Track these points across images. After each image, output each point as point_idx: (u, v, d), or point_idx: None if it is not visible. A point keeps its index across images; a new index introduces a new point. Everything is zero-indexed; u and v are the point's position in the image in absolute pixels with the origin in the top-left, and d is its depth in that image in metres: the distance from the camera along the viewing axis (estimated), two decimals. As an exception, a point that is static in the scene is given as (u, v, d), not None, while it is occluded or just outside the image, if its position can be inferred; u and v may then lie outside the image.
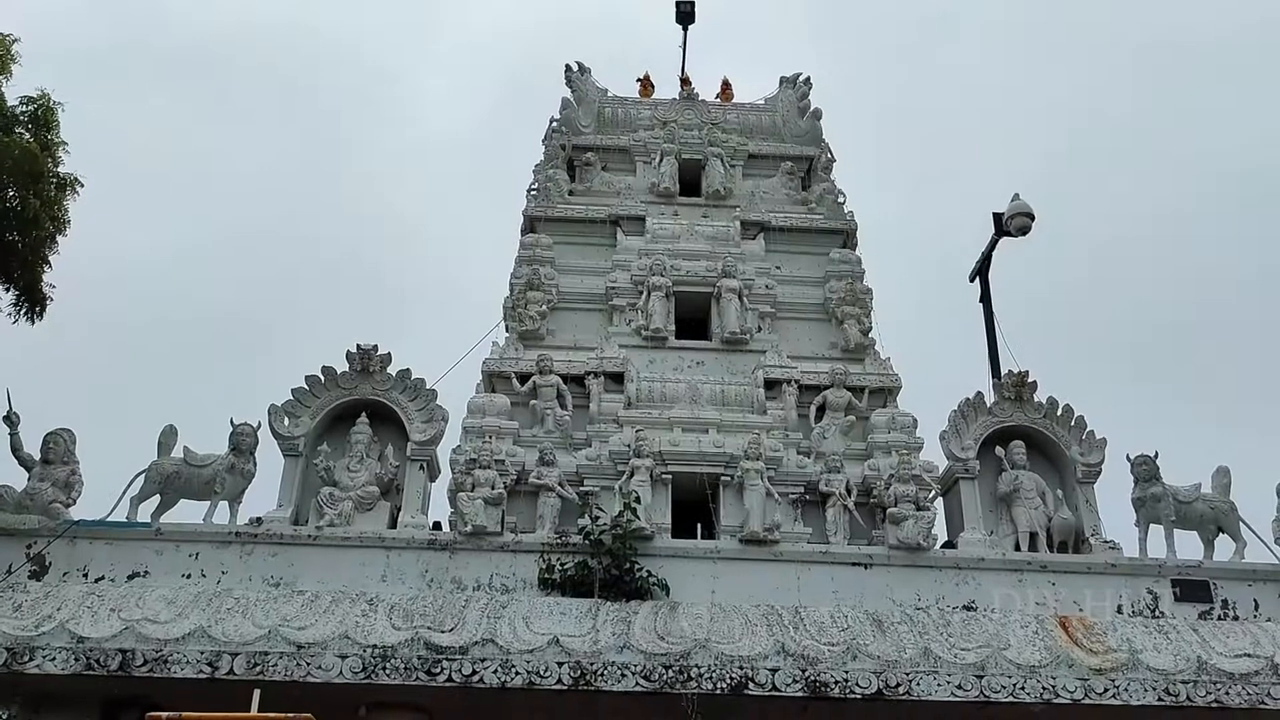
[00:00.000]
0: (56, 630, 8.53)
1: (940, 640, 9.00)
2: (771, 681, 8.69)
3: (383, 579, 9.49)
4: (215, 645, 8.56)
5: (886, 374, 11.72)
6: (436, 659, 8.63)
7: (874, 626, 9.15)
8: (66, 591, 9.00)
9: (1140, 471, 10.09)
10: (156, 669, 8.42)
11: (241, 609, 8.94)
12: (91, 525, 9.50)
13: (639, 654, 8.75)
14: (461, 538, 9.69)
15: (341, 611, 8.99)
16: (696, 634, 8.92)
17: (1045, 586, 9.67)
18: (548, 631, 8.89)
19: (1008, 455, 10.33)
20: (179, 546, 9.51)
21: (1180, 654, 8.83)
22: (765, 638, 8.97)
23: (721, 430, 10.86)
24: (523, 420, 11.05)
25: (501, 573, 9.62)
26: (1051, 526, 10.06)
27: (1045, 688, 8.63)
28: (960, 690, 8.66)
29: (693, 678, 8.66)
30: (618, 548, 9.54)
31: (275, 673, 8.47)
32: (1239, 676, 8.61)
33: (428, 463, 10.28)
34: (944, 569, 9.77)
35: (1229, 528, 10.05)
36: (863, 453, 10.94)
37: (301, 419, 10.21)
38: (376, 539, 9.66)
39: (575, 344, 11.89)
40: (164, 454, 9.94)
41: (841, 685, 8.67)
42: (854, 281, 12.40)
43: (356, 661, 8.58)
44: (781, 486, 10.35)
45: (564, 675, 8.63)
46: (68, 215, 11.00)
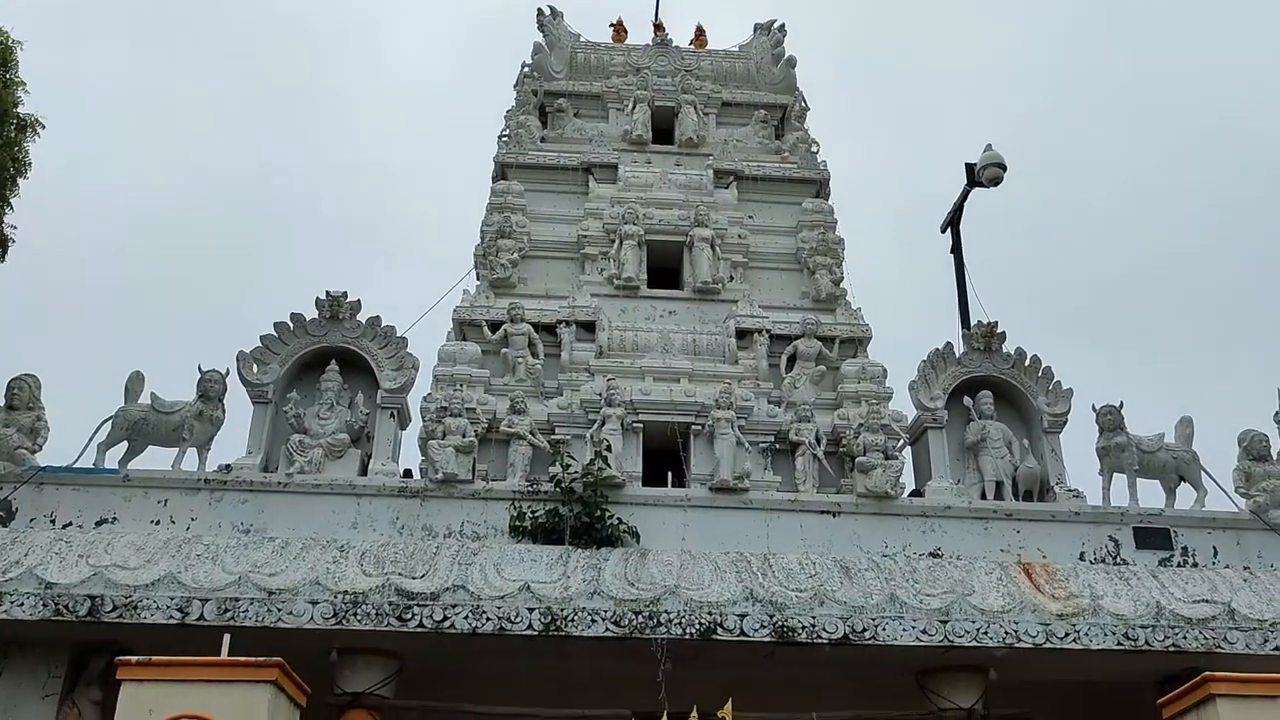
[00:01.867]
0: (24, 576, 8.49)
1: (906, 586, 9.13)
2: (740, 627, 8.79)
3: (354, 526, 9.50)
4: (185, 591, 8.54)
5: (857, 324, 11.77)
6: (408, 605, 8.67)
7: (841, 573, 9.26)
8: (34, 538, 8.96)
9: (1105, 421, 10.23)
10: (126, 615, 8.40)
11: (211, 555, 8.93)
12: (59, 471, 9.44)
13: (609, 600, 8.82)
14: (433, 485, 9.71)
15: (312, 558, 9.00)
16: (666, 580, 9.00)
17: (1010, 534, 9.82)
18: (519, 578, 8.94)
19: (975, 405, 10.44)
20: (147, 493, 9.47)
21: (1140, 600, 9.00)
22: (734, 584, 9.06)
23: (693, 379, 10.89)
24: (494, 369, 11.04)
25: (473, 520, 9.66)
26: (1017, 475, 10.20)
27: (1008, 632, 8.78)
28: (925, 635, 8.80)
29: (662, 623, 8.75)
30: (589, 495, 9.59)
31: (246, 618, 8.47)
32: (1197, 621, 8.79)
33: (398, 410, 10.26)
34: (911, 517, 9.89)
35: (1191, 477, 10.22)
36: (833, 402, 11.01)
37: (270, 366, 10.15)
38: (347, 486, 9.66)
39: (547, 292, 11.85)
40: (131, 400, 9.86)
41: (809, 630, 8.79)
42: (826, 231, 12.41)
43: (327, 607, 8.60)
44: (752, 435, 10.40)
45: (534, 621, 8.69)
46: (29, 157, 10.81)
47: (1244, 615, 8.83)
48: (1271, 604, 9.00)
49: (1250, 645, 8.64)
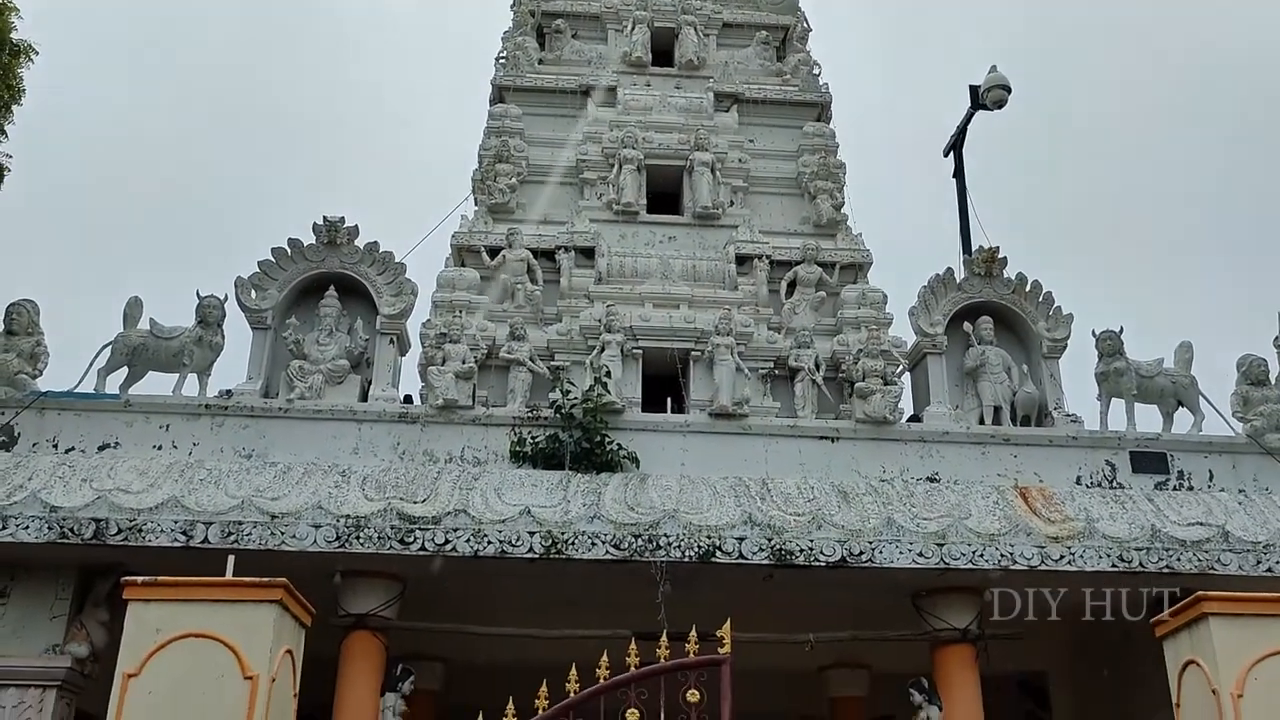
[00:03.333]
0: (29, 499, 8.55)
1: (903, 510, 9.20)
2: (739, 550, 8.88)
3: (354, 451, 9.55)
4: (189, 515, 8.61)
5: (857, 249, 11.71)
6: (409, 529, 8.74)
7: (839, 497, 9.33)
8: (37, 462, 9.01)
9: (1105, 346, 10.23)
10: (131, 538, 8.48)
11: (214, 480, 8.98)
12: (60, 396, 9.46)
13: (609, 524, 8.90)
14: (433, 411, 9.73)
15: (314, 483, 9.06)
16: (665, 505, 9.07)
17: (1007, 459, 9.88)
18: (519, 502, 9.01)
19: (975, 331, 10.43)
20: (149, 418, 9.51)
21: (1135, 522, 9.09)
22: (733, 508, 9.13)
23: (692, 305, 10.87)
24: (493, 295, 11.01)
25: (473, 445, 9.71)
26: (1015, 401, 10.22)
27: (1003, 555, 8.87)
28: (921, 558, 8.89)
29: (661, 546, 8.83)
30: (588, 421, 9.63)
31: (250, 542, 8.55)
32: (1191, 544, 8.88)
33: (397, 337, 10.25)
34: (909, 442, 9.94)
35: (1188, 401, 10.26)
36: (832, 328, 11.00)
37: (269, 292, 10.11)
38: (348, 412, 9.69)
39: (545, 218, 11.77)
40: (130, 326, 9.85)
41: (806, 553, 8.88)
42: (827, 156, 12.29)
43: (330, 531, 8.68)
44: (751, 361, 10.41)
45: (535, 544, 8.78)
46: (22, 84, 10.63)
47: (1238, 538, 8.91)
48: (1265, 526, 9.09)
49: (1243, 567, 8.75)
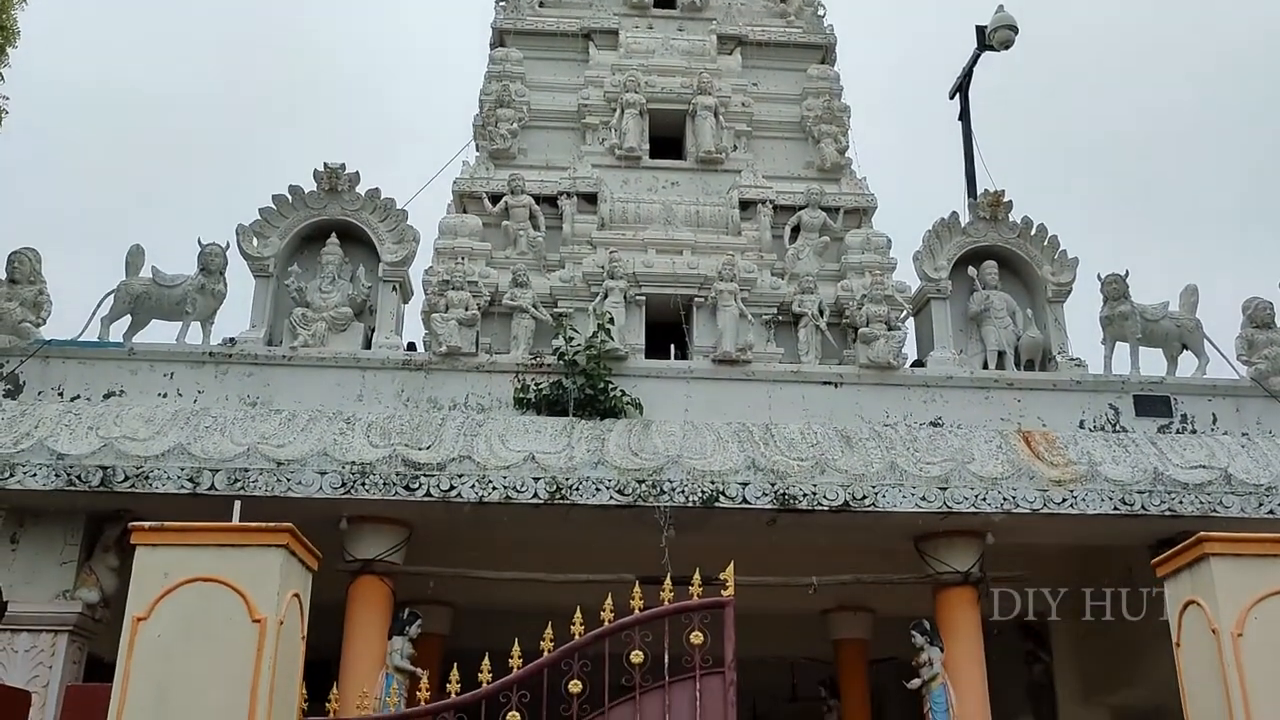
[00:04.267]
0: (35, 447, 8.60)
1: (906, 455, 9.23)
2: (742, 495, 8.93)
3: (359, 399, 9.57)
4: (195, 462, 8.66)
5: (862, 194, 11.62)
6: (415, 475, 8.79)
7: (842, 442, 9.36)
8: (43, 410, 9.04)
9: (1110, 290, 10.19)
10: (138, 485, 8.54)
11: (220, 427, 9.02)
12: (63, 345, 9.47)
13: (613, 469, 8.94)
14: (436, 358, 9.74)
15: (319, 430, 9.09)
16: (669, 450, 9.10)
17: (1011, 403, 9.89)
18: (524, 448, 9.05)
19: (980, 275, 10.38)
20: (153, 366, 9.53)
21: (1138, 466, 9.11)
22: (736, 453, 9.16)
23: (696, 251, 10.81)
24: (495, 241, 10.95)
25: (477, 393, 9.72)
26: (1020, 345, 10.21)
27: (1005, 499, 8.92)
28: (924, 502, 8.94)
29: (665, 492, 8.88)
30: (592, 368, 9.64)
31: (256, 488, 8.61)
32: (1193, 487, 8.92)
33: (400, 284, 10.23)
34: (913, 387, 9.94)
35: (1193, 344, 10.23)
36: (836, 273, 10.95)
37: (270, 239, 10.08)
38: (352, 359, 9.70)
39: (547, 163, 11.67)
40: (132, 274, 9.83)
41: (810, 498, 8.93)
42: (832, 99, 12.14)
43: (336, 477, 8.73)
44: (755, 307, 10.38)
45: (540, 490, 8.83)
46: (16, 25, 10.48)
47: (1240, 480, 8.94)
48: (1268, 469, 9.12)
49: (1245, 509, 8.79)
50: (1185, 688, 5.73)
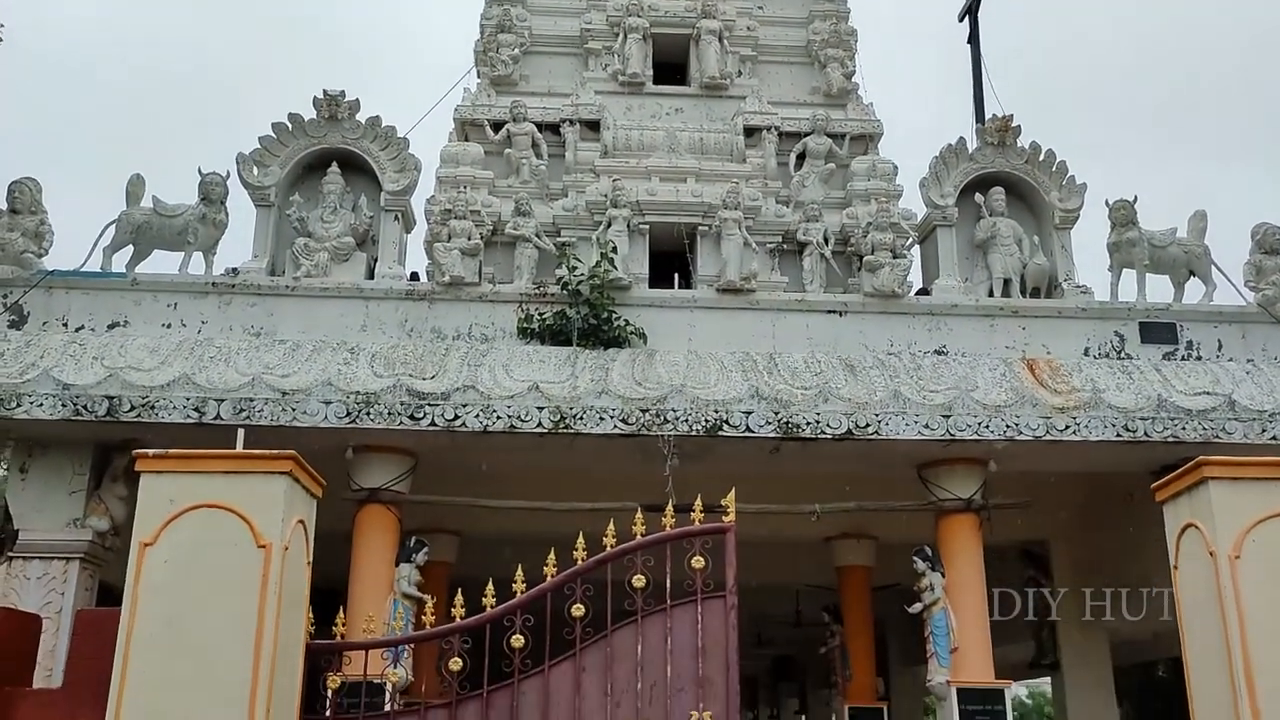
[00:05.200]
0: (41, 377, 8.63)
1: (910, 383, 9.23)
2: (745, 424, 8.95)
3: (362, 329, 9.57)
4: (201, 392, 8.70)
5: (868, 120, 11.47)
6: (419, 404, 8.82)
7: (846, 371, 9.35)
8: (48, 340, 9.06)
9: (1118, 216, 10.09)
10: (144, 414, 8.58)
11: (224, 357, 9.04)
12: (66, 275, 9.46)
13: (617, 399, 8.96)
14: (439, 288, 9.72)
15: (324, 360, 9.11)
16: (673, 379, 9.10)
17: (1016, 331, 9.85)
18: (528, 378, 9.06)
19: (987, 202, 10.28)
20: (157, 297, 9.52)
21: (1141, 393, 9.10)
22: (740, 382, 9.17)
23: (700, 179, 10.71)
24: (498, 170, 10.86)
25: (480, 323, 9.71)
26: (1026, 272, 10.14)
27: (1008, 426, 8.93)
28: (927, 430, 8.96)
29: (669, 421, 8.91)
30: (595, 298, 9.60)
31: (261, 418, 8.66)
32: (1196, 413, 8.91)
33: (402, 213, 10.17)
34: (917, 315, 9.90)
35: (1200, 271, 10.16)
36: (842, 201, 10.85)
37: (271, 168, 10.00)
38: (355, 289, 9.68)
39: (550, 90, 11.52)
40: (133, 204, 9.77)
41: (813, 426, 8.95)
42: (838, 22, 11.92)
43: (340, 407, 8.76)
44: (759, 236, 10.31)
45: (544, 419, 8.86)
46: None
47: (1244, 406, 8.93)
48: (1272, 395, 9.10)
49: (1248, 435, 8.79)
50: (1182, 610, 5.78)
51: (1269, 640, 5.23)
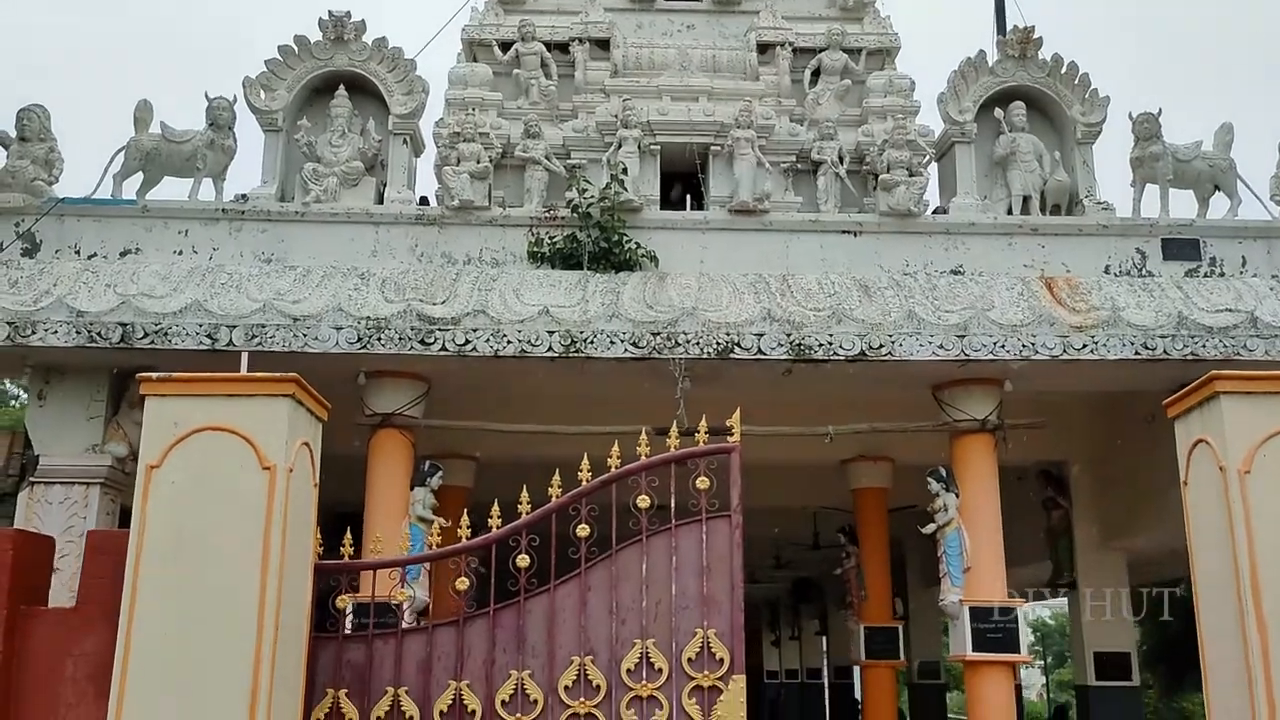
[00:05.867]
0: (55, 305, 8.68)
1: (925, 303, 9.11)
2: (757, 346, 8.89)
3: (373, 254, 9.53)
4: (213, 318, 8.73)
5: (885, 34, 11.15)
6: (430, 329, 8.82)
7: (860, 292, 9.25)
8: (61, 268, 9.09)
9: (1141, 130, 9.82)
10: (158, 341, 8.64)
11: (235, 284, 9.05)
12: (77, 203, 9.45)
13: (628, 322, 8.91)
14: (449, 212, 9.64)
15: (334, 285, 9.10)
16: (684, 303, 9.04)
17: (1035, 249, 9.67)
18: (538, 302, 9.02)
19: (1007, 117, 10.03)
20: (167, 224, 9.50)
21: (1162, 310, 8.95)
22: (752, 305, 9.09)
23: (712, 98, 10.50)
24: (506, 92, 10.69)
25: (491, 247, 9.65)
26: (1046, 189, 9.91)
27: (1024, 346, 8.82)
28: (941, 350, 8.87)
29: (680, 344, 8.86)
30: (606, 220, 9.50)
31: (273, 344, 8.69)
32: (1217, 330, 8.76)
33: (410, 137, 10.05)
34: (934, 235, 9.73)
35: (1225, 185, 9.90)
36: (857, 118, 10.62)
37: (278, 92, 9.89)
38: (364, 214, 9.61)
39: (559, 8, 11.26)
40: (141, 130, 9.71)
41: (825, 348, 8.88)
42: (855, -70, 11.56)
43: (351, 333, 8.78)
44: (773, 155, 10.13)
45: (554, 344, 8.84)
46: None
47: (1266, 323, 8.76)
48: (1295, 311, 8.92)
49: (1270, 352, 8.63)
50: (1191, 526, 5.72)
51: (1278, 555, 5.18)
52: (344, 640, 5.91)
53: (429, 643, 5.95)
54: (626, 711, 5.88)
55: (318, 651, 5.88)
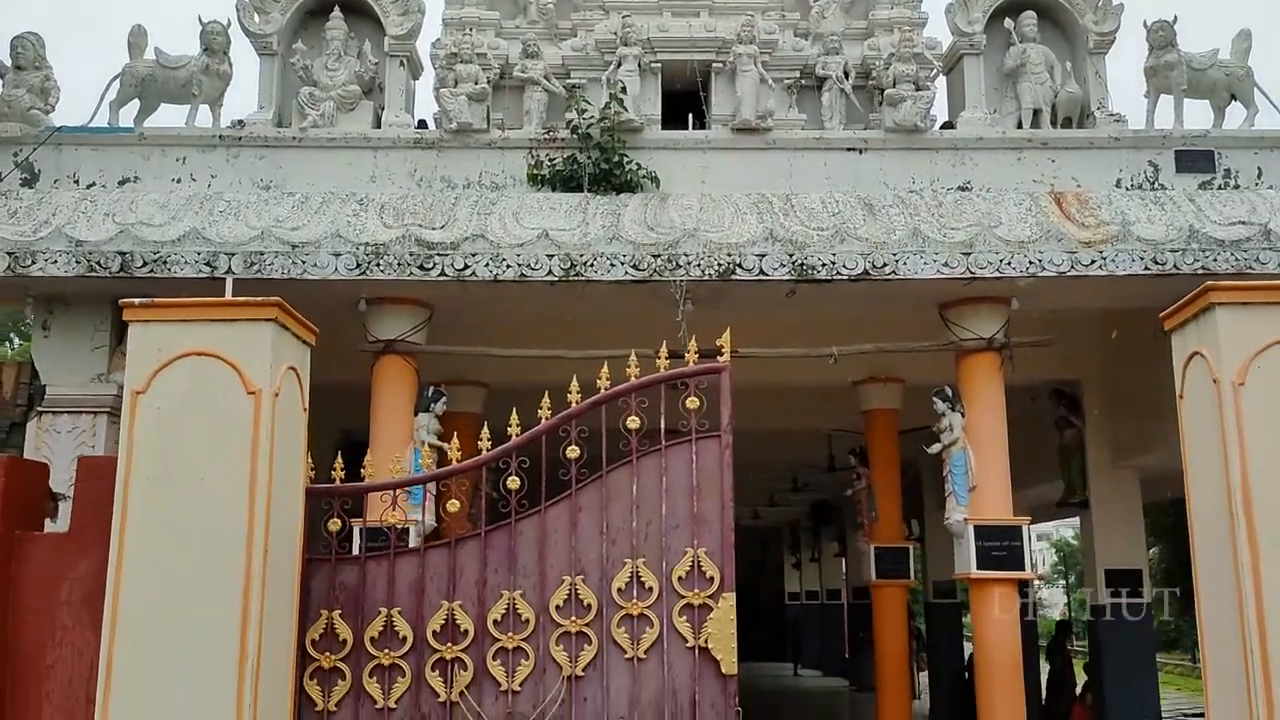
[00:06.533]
0: (54, 234, 8.69)
1: (930, 221, 8.95)
2: (759, 267, 8.79)
3: (372, 180, 9.45)
4: (211, 246, 8.71)
5: (892, -57, 10.81)
6: (429, 254, 8.76)
7: (864, 210, 9.09)
8: (60, 198, 9.08)
9: (1156, 38, 9.49)
10: (157, 270, 8.64)
11: (234, 211, 9.01)
12: (75, 131, 9.40)
13: (628, 245, 8.82)
14: (448, 136, 9.52)
15: (332, 212, 9.04)
16: (686, 224, 8.93)
17: (1045, 164, 9.46)
18: (537, 226, 8.94)
19: (1017, 28, 9.72)
20: (165, 151, 9.45)
21: (1173, 224, 8.74)
22: (755, 225, 8.97)
23: (713, 13, 10.24)
24: (504, 10, 10.46)
25: (490, 170, 9.54)
26: (1057, 102, 9.64)
27: (1031, 262, 8.66)
28: (946, 268, 8.73)
29: (681, 266, 8.77)
30: (606, 141, 9.36)
31: (272, 271, 8.68)
32: (1230, 243, 8.55)
33: (408, 59, 9.89)
34: (940, 150, 9.53)
35: (1242, 94, 9.58)
36: (863, 31, 10.33)
37: (272, 15, 9.74)
38: (362, 139, 9.52)
39: (557, -81, 10.97)
40: (136, 56, 9.62)
41: (828, 268, 8.76)
42: None
43: (350, 259, 8.74)
44: (776, 71, 9.89)
45: (554, 267, 8.77)
46: None
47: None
48: (1311, 223, 8.70)
49: (1282, 265, 8.45)
50: (1186, 441, 5.63)
51: (1270, 470, 5.08)
52: (337, 562, 5.96)
53: (421, 564, 5.99)
54: (617, 630, 5.92)
55: (311, 574, 5.93)
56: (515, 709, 5.82)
